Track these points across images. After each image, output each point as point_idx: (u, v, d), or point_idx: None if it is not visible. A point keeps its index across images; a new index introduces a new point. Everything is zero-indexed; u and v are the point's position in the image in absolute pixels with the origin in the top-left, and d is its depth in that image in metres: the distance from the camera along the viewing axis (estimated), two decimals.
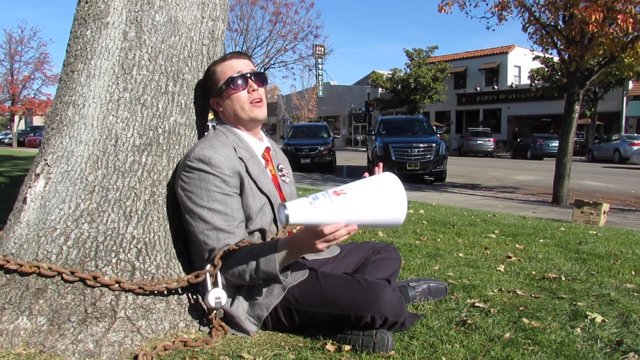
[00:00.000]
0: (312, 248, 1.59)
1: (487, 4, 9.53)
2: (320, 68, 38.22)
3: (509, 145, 32.11)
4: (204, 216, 1.73)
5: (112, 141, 1.77)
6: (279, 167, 2.02)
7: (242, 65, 1.86)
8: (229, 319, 1.80)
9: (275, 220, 1.88)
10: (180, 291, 1.80)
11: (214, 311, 1.77)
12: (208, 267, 1.76)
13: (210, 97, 1.92)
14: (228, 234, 1.74)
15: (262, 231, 1.85)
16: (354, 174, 14.98)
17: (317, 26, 36.21)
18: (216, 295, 1.73)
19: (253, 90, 1.86)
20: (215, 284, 1.76)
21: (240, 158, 1.80)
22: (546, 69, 27.87)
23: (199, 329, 1.82)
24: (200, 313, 1.83)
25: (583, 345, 1.78)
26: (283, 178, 2.00)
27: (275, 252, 1.68)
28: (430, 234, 4.09)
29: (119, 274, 1.69)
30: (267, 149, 1.97)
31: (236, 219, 1.77)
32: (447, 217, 5.23)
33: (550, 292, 2.47)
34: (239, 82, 1.83)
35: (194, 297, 1.85)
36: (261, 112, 1.89)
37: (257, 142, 1.93)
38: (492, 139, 28.82)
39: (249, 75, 1.85)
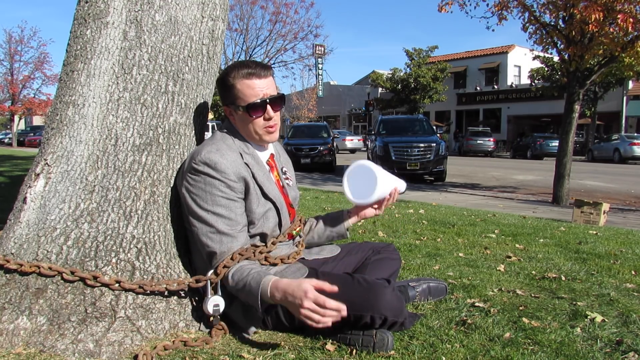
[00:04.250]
0: (295, 309, 1.56)
1: (487, 4, 9.52)
2: (320, 68, 38.19)
3: (509, 145, 32.12)
4: (207, 219, 1.73)
5: (112, 141, 1.77)
6: (283, 170, 2.02)
7: (263, 87, 1.80)
8: (229, 319, 1.80)
9: (279, 225, 1.89)
10: (180, 293, 1.80)
11: (211, 318, 1.77)
12: (210, 274, 1.76)
13: (224, 103, 1.87)
14: (231, 237, 1.74)
15: (263, 235, 1.86)
16: None
17: (317, 26, 36.39)
18: (215, 303, 1.74)
19: (269, 118, 1.84)
20: (215, 291, 1.77)
21: (246, 164, 1.80)
22: (546, 69, 27.86)
23: (199, 329, 1.82)
24: (200, 313, 1.83)
25: (583, 345, 1.78)
26: (287, 181, 2.00)
27: (259, 284, 1.62)
28: (430, 234, 4.09)
29: (119, 273, 1.69)
30: (272, 156, 1.97)
31: (239, 223, 1.77)
32: (447, 217, 5.23)
33: (550, 291, 2.47)
34: (259, 109, 1.80)
35: (194, 297, 1.85)
36: (273, 137, 1.88)
37: (262, 149, 1.93)
38: (492, 139, 28.85)
39: (268, 101, 1.81)
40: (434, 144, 12.40)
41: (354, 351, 1.66)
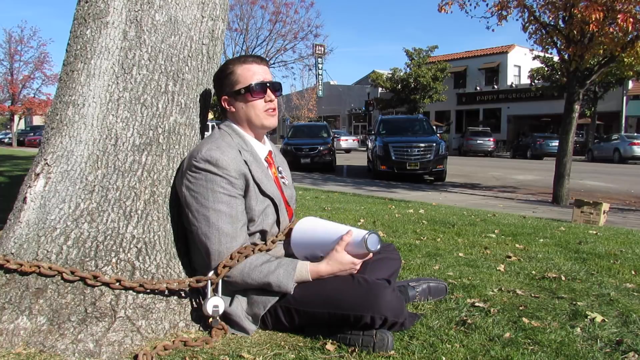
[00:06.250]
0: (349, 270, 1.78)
1: (487, 4, 9.51)
2: (320, 67, 38.23)
3: (509, 144, 32.13)
4: (208, 217, 1.73)
5: (112, 141, 1.77)
6: (279, 170, 2.03)
7: (262, 72, 1.86)
8: (229, 318, 1.80)
9: (277, 222, 1.89)
10: (181, 293, 1.80)
11: (211, 319, 1.77)
12: (210, 274, 1.76)
13: (222, 95, 1.91)
14: (230, 237, 1.74)
15: (263, 232, 1.86)
16: (353, 174, 14.98)
17: (317, 25, 36.50)
18: (215, 304, 1.74)
19: (270, 100, 1.87)
20: (215, 291, 1.77)
21: (244, 161, 1.80)
22: (546, 69, 27.86)
23: (199, 329, 1.82)
24: (200, 313, 1.83)
25: (583, 345, 1.78)
26: (282, 180, 2.02)
27: (292, 276, 1.74)
28: (430, 234, 4.09)
29: (119, 273, 1.69)
30: (270, 153, 1.98)
31: (240, 220, 1.77)
32: (447, 217, 5.22)
33: (550, 291, 2.47)
34: (259, 90, 1.84)
35: (194, 297, 1.85)
36: (274, 121, 1.91)
37: (261, 146, 1.94)
38: (491, 139, 28.86)
39: (268, 84, 1.86)
40: (434, 144, 12.40)
41: (354, 351, 1.67)
